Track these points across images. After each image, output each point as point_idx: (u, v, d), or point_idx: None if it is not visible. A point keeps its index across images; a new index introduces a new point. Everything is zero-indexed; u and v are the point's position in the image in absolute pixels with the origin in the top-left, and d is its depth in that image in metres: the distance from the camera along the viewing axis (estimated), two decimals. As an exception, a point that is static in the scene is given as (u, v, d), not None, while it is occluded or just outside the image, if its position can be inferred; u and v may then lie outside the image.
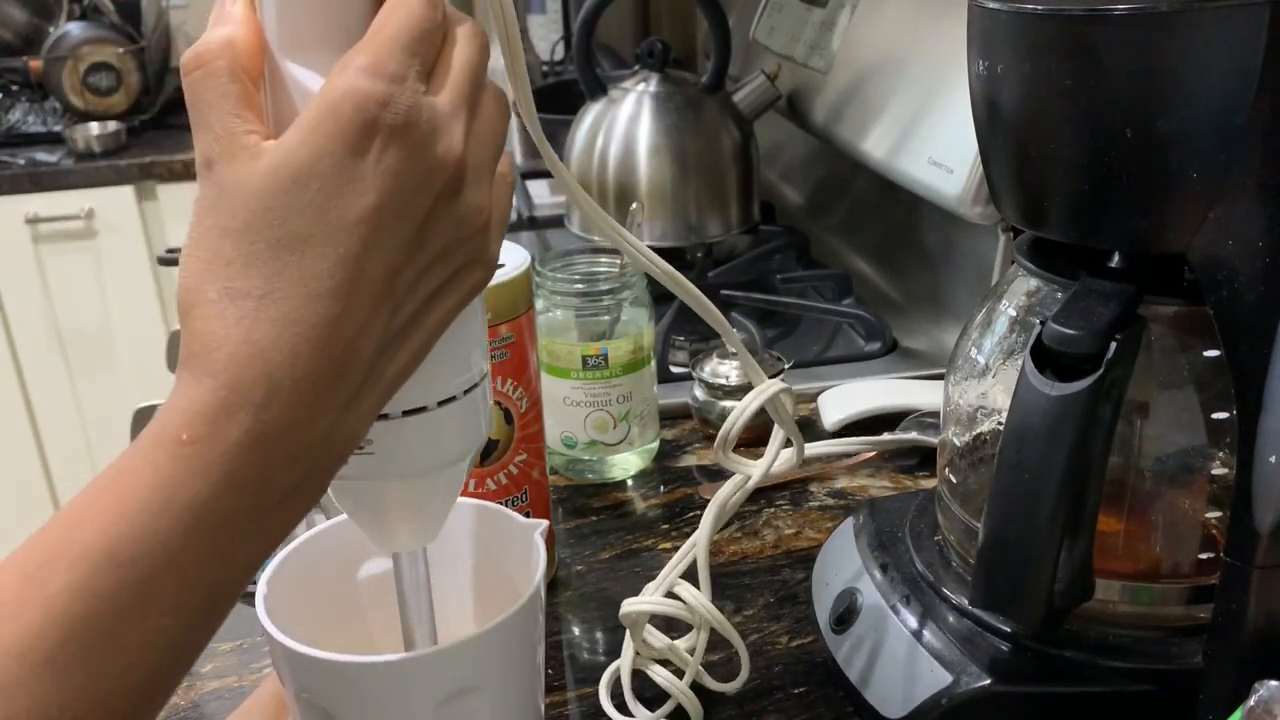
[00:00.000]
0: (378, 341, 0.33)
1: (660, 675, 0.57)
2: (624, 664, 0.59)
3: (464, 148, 0.33)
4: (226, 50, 0.33)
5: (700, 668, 0.57)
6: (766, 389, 0.53)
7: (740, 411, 0.53)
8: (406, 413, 0.37)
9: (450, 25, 0.34)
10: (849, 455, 0.83)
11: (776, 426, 0.55)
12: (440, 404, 0.38)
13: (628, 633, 0.58)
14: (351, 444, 0.34)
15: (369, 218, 0.31)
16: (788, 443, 0.56)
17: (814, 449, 0.82)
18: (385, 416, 0.37)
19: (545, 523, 0.47)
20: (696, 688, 0.58)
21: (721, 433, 0.53)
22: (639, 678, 0.59)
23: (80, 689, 0.30)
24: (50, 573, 0.30)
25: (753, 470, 0.56)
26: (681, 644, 0.58)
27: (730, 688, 0.58)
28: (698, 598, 0.55)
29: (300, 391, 0.31)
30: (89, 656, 0.30)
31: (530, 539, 0.47)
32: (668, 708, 0.57)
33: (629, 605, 0.56)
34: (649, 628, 0.58)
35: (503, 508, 0.50)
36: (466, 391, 0.39)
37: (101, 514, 0.31)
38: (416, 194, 0.32)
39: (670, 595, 0.56)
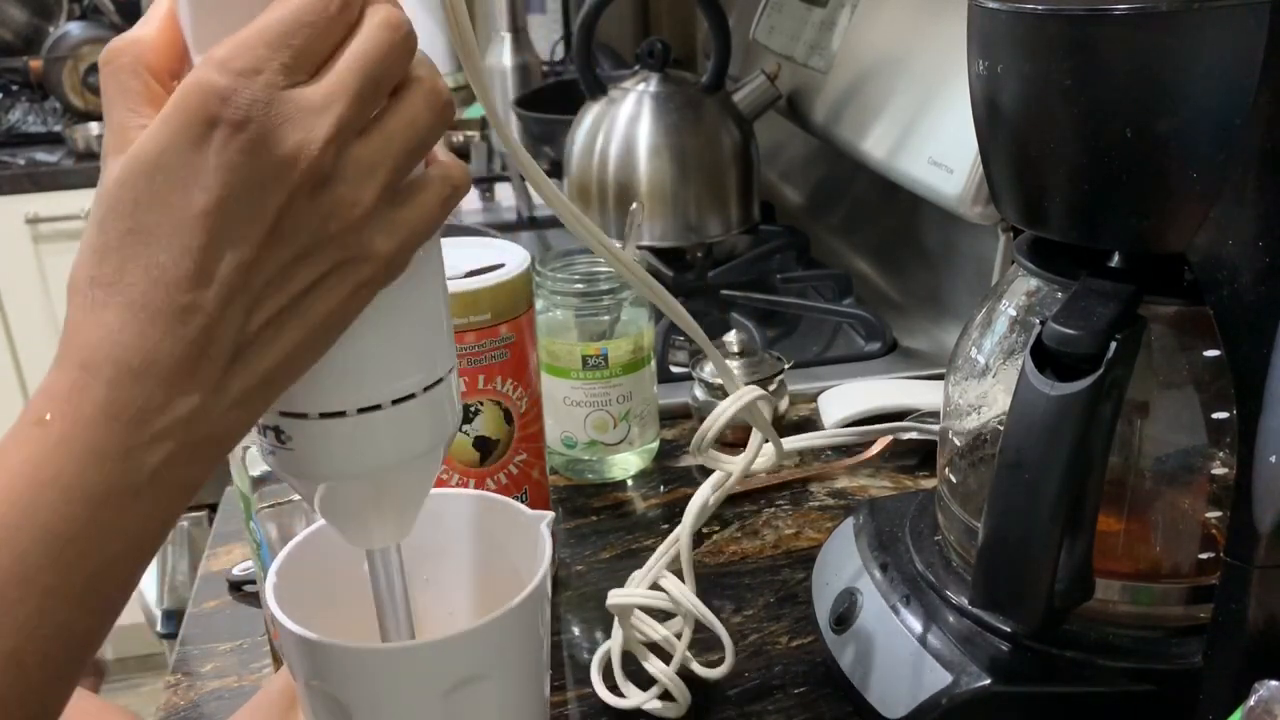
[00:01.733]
0: (235, 332, 0.33)
1: (648, 662, 0.58)
2: (614, 647, 0.60)
3: (327, 140, 0.32)
4: (133, 47, 0.34)
5: (688, 654, 0.58)
6: (740, 397, 0.53)
7: (715, 418, 0.54)
8: (323, 415, 0.37)
9: (361, 14, 0.33)
10: (849, 453, 0.83)
11: (754, 428, 0.56)
12: (360, 410, 0.37)
13: (616, 618, 0.59)
14: (232, 427, 0.34)
15: (212, 210, 0.32)
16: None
17: (808, 441, 0.82)
18: (304, 416, 0.37)
19: (551, 514, 0.48)
20: (687, 679, 0.58)
21: (698, 435, 0.55)
22: (630, 660, 0.60)
23: None
24: None
25: (733, 468, 0.56)
26: (669, 630, 0.58)
27: (716, 674, 0.58)
28: (682, 590, 0.56)
29: (150, 373, 0.32)
30: None
31: (536, 530, 0.47)
32: (657, 690, 0.58)
33: (615, 596, 0.58)
34: (638, 613, 0.58)
35: (509, 499, 0.50)
36: (396, 401, 0.38)
37: None
38: (264, 190, 0.32)
39: (656, 588, 0.57)
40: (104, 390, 0.32)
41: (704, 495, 0.57)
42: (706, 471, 0.82)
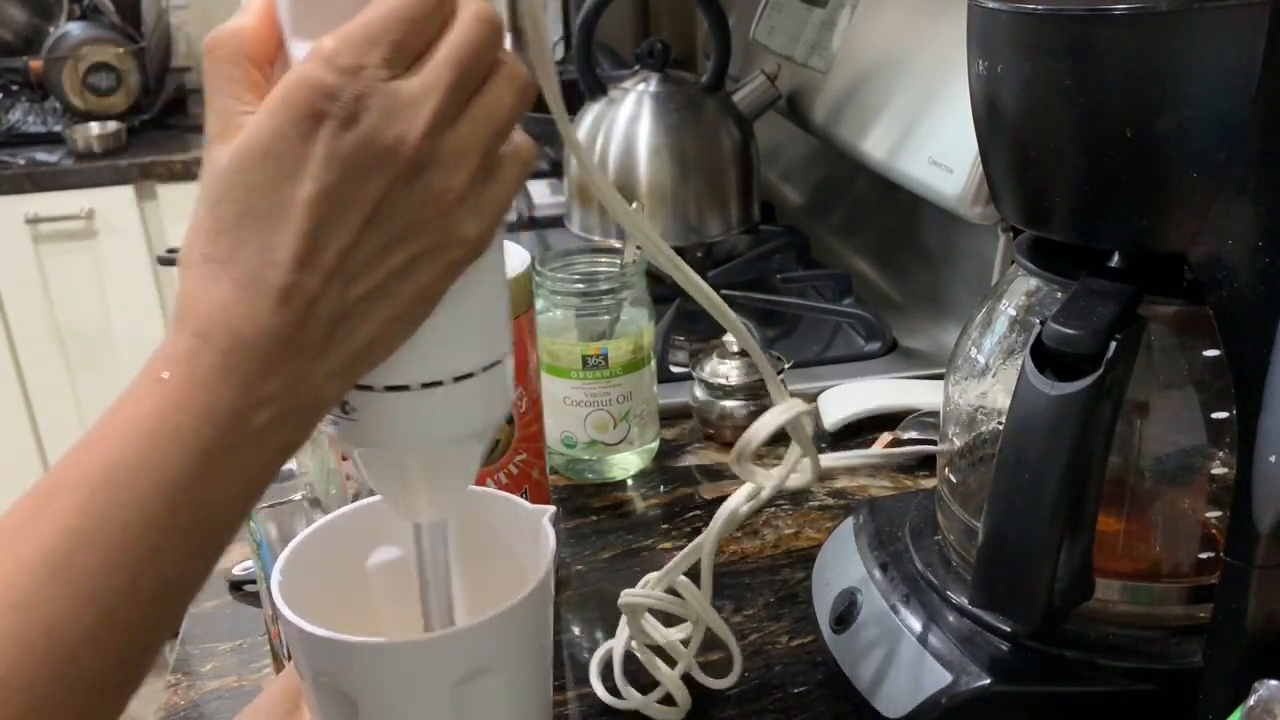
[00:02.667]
0: (334, 308, 0.35)
1: (653, 664, 0.58)
2: (617, 646, 0.60)
3: (425, 131, 0.34)
4: (233, 37, 0.36)
5: (694, 661, 0.57)
6: (789, 409, 0.52)
7: (759, 429, 0.52)
8: (389, 388, 0.39)
9: (457, 7, 0.35)
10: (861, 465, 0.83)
11: (793, 443, 0.54)
12: (456, 380, 0.39)
13: (624, 617, 0.59)
14: (328, 397, 0.37)
15: (318, 198, 0.34)
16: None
17: (828, 461, 0.82)
18: (369, 388, 0.39)
19: (553, 508, 0.48)
20: (689, 683, 0.58)
21: (739, 445, 0.52)
22: (629, 661, 0.59)
23: (91, 597, 0.33)
24: (58, 495, 0.34)
25: (767, 482, 0.55)
26: (676, 634, 0.58)
27: (721, 684, 0.58)
28: (696, 596, 0.56)
29: (260, 343, 0.34)
30: (97, 567, 0.33)
31: (538, 524, 0.48)
32: (659, 693, 0.58)
33: (629, 596, 0.57)
34: (648, 615, 0.58)
35: (509, 495, 0.50)
36: (487, 369, 0.40)
37: (98, 443, 0.35)
38: (366, 179, 0.34)
39: (670, 591, 0.57)
40: (218, 357, 0.34)
41: (735, 503, 0.56)
42: (706, 471, 0.83)
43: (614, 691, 0.60)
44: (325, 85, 0.33)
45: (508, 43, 0.38)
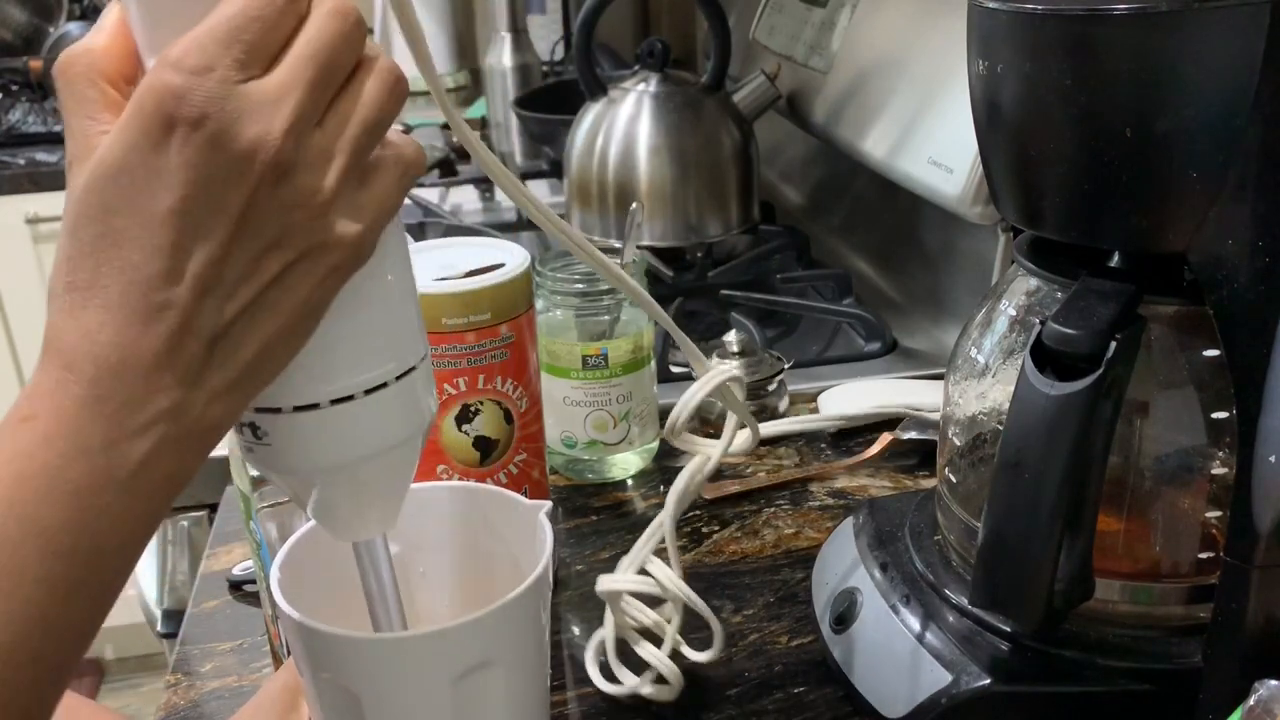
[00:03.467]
0: (210, 325, 0.34)
1: (640, 646, 0.59)
2: (607, 634, 0.60)
3: (286, 131, 0.33)
4: (85, 56, 0.35)
5: (678, 637, 0.58)
6: (712, 377, 0.53)
7: (688, 399, 0.54)
8: (297, 408, 0.37)
9: (308, 4, 0.34)
10: (848, 452, 0.83)
11: (729, 411, 0.55)
12: (334, 402, 0.37)
13: (608, 605, 0.59)
14: (215, 421, 0.35)
15: (177, 209, 0.32)
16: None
17: (786, 426, 0.82)
18: (277, 410, 0.37)
19: (549, 503, 0.48)
20: (683, 668, 0.58)
21: (670, 420, 0.54)
22: (622, 649, 0.60)
23: None
24: None
25: (711, 450, 0.56)
26: (661, 615, 0.59)
27: (706, 656, 0.58)
28: (668, 574, 0.57)
29: (129, 368, 0.33)
30: None
31: (534, 519, 0.48)
32: (651, 675, 0.58)
33: (604, 583, 0.58)
34: (628, 599, 0.59)
35: (505, 490, 0.50)
36: (399, 378, 0.38)
37: None
38: (227, 185, 0.32)
39: (643, 573, 0.58)
40: (86, 387, 0.33)
41: (684, 480, 0.56)
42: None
43: (610, 678, 0.60)
44: (172, 88, 0.31)
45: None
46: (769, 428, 0.82)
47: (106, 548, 0.33)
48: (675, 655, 0.58)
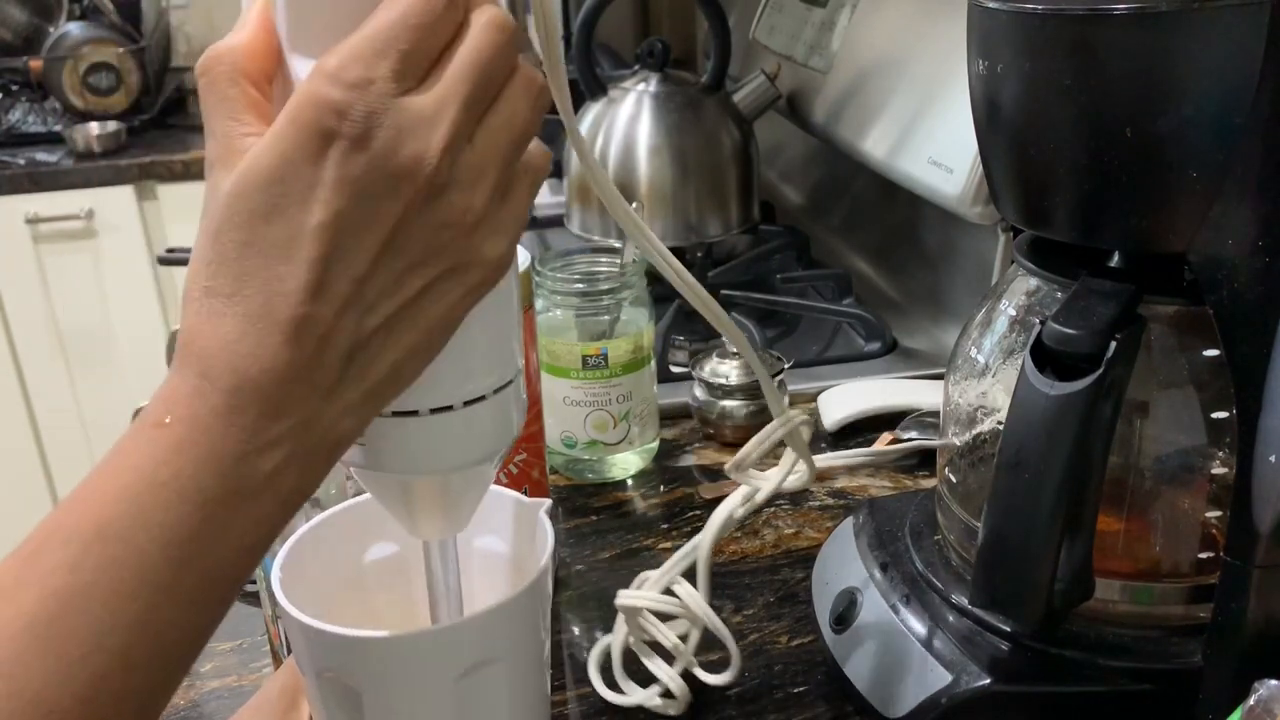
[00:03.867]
0: (349, 341, 0.33)
1: (652, 662, 0.58)
2: (615, 643, 0.60)
3: (443, 150, 0.32)
4: (228, 55, 0.34)
5: (693, 658, 0.58)
6: (788, 422, 0.53)
7: (761, 440, 0.54)
8: (397, 414, 0.37)
9: (466, 14, 0.33)
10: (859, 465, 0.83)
11: (789, 449, 0.55)
12: (433, 411, 0.38)
13: (620, 615, 0.59)
14: (344, 434, 0.35)
15: (330, 224, 0.32)
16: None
17: (824, 461, 0.82)
18: (398, 414, 0.37)
19: (549, 501, 0.48)
20: (689, 680, 0.58)
21: (738, 458, 0.54)
22: (629, 659, 0.60)
23: (82, 662, 0.31)
24: (45, 553, 0.31)
25: (763, 484, 0.56)
26: (674, 632, 0.58)
27: (720, 680, 0.58)
28: (694, 598, 0.56)
29: (269, 381, 0.32)
30: (88, 631, 0.31)
31: (534, 517, 0.48)
32: (657, 689, 0.58)
33: (626, 598, 0.57)
34: (646, 613, 0.58)
35: (506, 489, 0.50)
36: (497, 391, 0.39)
37: (91, 495, 0.32)
38: (381, 203, 0.32)
39: (668, 591, 0.57)
40: (222, 397, 0.32)
41: (730, 506, 0.56)
42: (706, 471, 0.83)
43: (613, 687, 0.60)
44: (332, 102, 0.31)
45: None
46: (823, 461, 0.81)
47: (229, 557, 0.33)
48: (686, 674, 0.58)
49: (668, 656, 0.58)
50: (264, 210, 0.32)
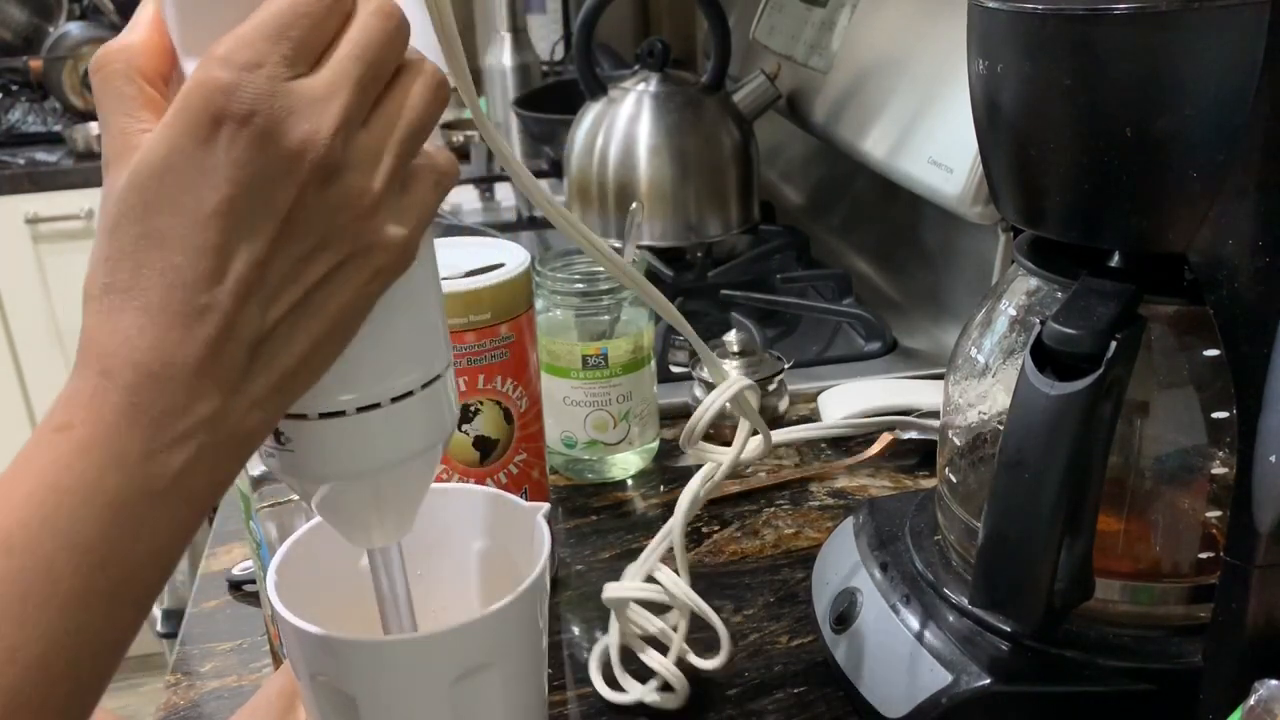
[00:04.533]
0: (254, 329, 0.33)
1: (646, 654, 0.59)
2: (612, 641, 0.60)
3: (335, 130, 0.32)
4: (123, 53, 0.34)
5: (685, 645, 0.58)
6: (729, 387, 0.54)
7: (705, 409, 0.55)
8: (322, 415, 0.37)
9: (353, 4, 0.33)
10: (848, 453, 0.83)
11: (742, 419, 0.56)
12: (360, 410, 0.37)
13: (613, 612, 0.59)
14: (253, 429, 0.34)
15: (223, 209, 0.31)
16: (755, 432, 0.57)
17: (799, 433, 0.81)
18: (303, 417, 0.37)
19: (546, 505, 0.48)
20: (687, 673, 0.58)
21: (686, 428, 0.55)
22: (628, 658, 0.60)
23: None
24: None
25: (722, 458, 0.57)
26: (667, 623, 0.58)
27: (713, 665, 0.59)
28: (676, 582, 0.57)
29: (169, 375, 0.32)
30: None
31: (532, 521, 0.48)
32: (655, 683, 0.58)
33: (611, 590, 0.58)
34: (634, 606, 0.59)
35: (503, 492, 0.50)
36: (395, 399, 0.38)
37: None
38: (274, 184, 0.32)
39: (651, 580, 0.57)
40: (124, 395, 0.32)
41: (694, 487, 0.57)
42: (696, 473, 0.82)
43: (613, 685, 0.60)
44: (221, 84, 0.31)
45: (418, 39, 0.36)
46: (779, 435, 0.82)
47: (142, 560, 0.33)
48: (681, 662, 0.58)
49: (663, 650, 0.58)
50: (157, 200, 0.32)
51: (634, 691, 0.59)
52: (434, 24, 0.37)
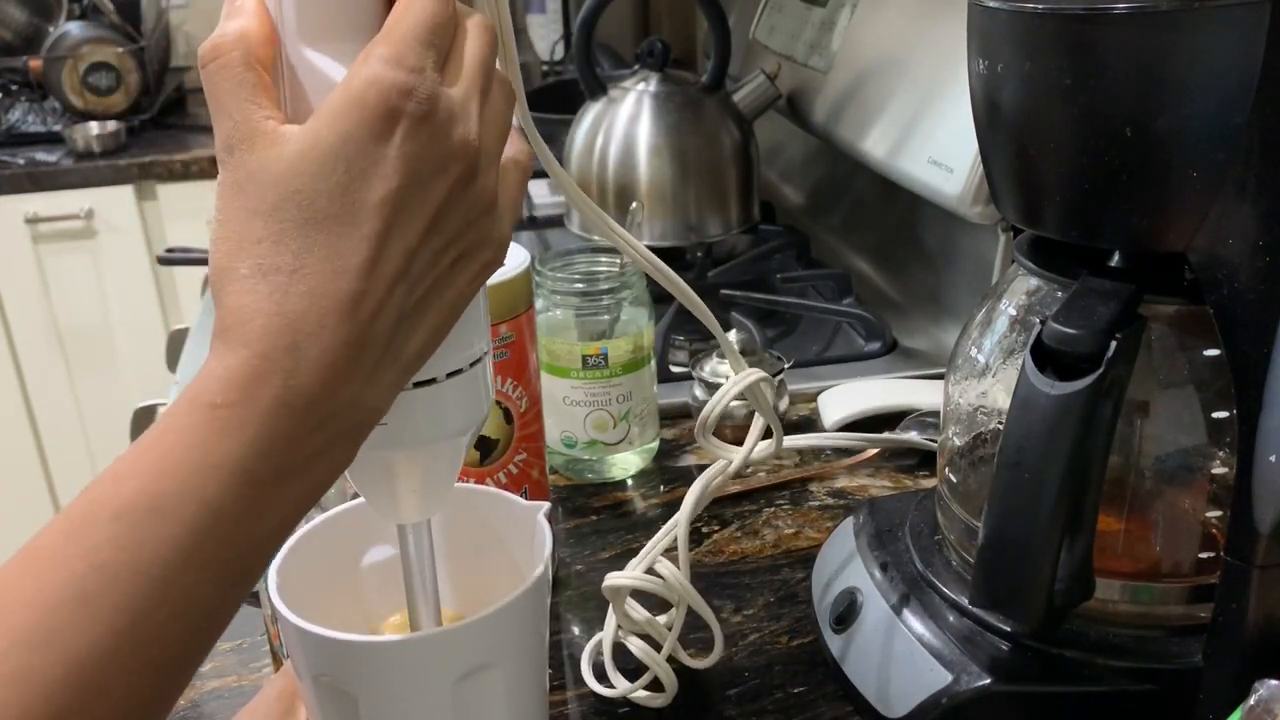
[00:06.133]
0: (395, 316, 0.35)
1: (638, 647, 0.58)
2: (605, 636, 0.60)
3: (478, 135, 0.35)
4: (241, 42, 0.35)
5: (677, 642, 0.58)
6: (746, 377, 0.54)
7: (720, 396, 0.55)
8: (417, 384, 0.39)
9: (461, 19, 0.36)
10: (848, 453, 0.83)
11: (757, 414, 0.56)
12: (449, 376, 0.39)
13: (610, 605, 0.59)
14: (374, 414, 0.36)
15: (391, 199, 0.33)
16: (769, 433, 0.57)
17: (810, 440, 0.82)
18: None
19: (547, 504, 0.48)
20: (680, 674, 0.58)
21: (701, 417, 0.55)
22: (620, 652, 0.60)
23: (124, 633, 0.31)
24: (92, 527, 0.32)
25: (734, 455, 0.57)
26: (661, 619, 0.58)
27: (704, 663, 0.59)
28: (676, 575, 0.57)
29: (326, 361, 0.33)
30: (130, 602, 0.31)
31: (533, 520, 0.48)
32: (645, 679, 0.58)
33: (611, 579, 0.58)
34: (631, 601, 0.59)
35: (504, 492, 0.50)
36: (472, 365, 0.41)
37: (143, 471, 0.33)
38: (435, 179, 0.34)
39: (651, 573, 0.57)
40: (281, 382, 0.33)
41: (704, 482, 0.57)
42: (705, 470, 0.82)
43: (604, 681, 0.60)
44: (400, 84, 0.33)
45: None
46: (790, 440, 0.82)
47: (269, 532, 0.35)
48: (673, 661, 0.58)
49: (657, 648, 0.58)
50: (325, 187, 0.33)
51: (622, 686, 0.59)
52: (500, 42, 0.39)
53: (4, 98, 2.22)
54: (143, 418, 1.19)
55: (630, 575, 0.57)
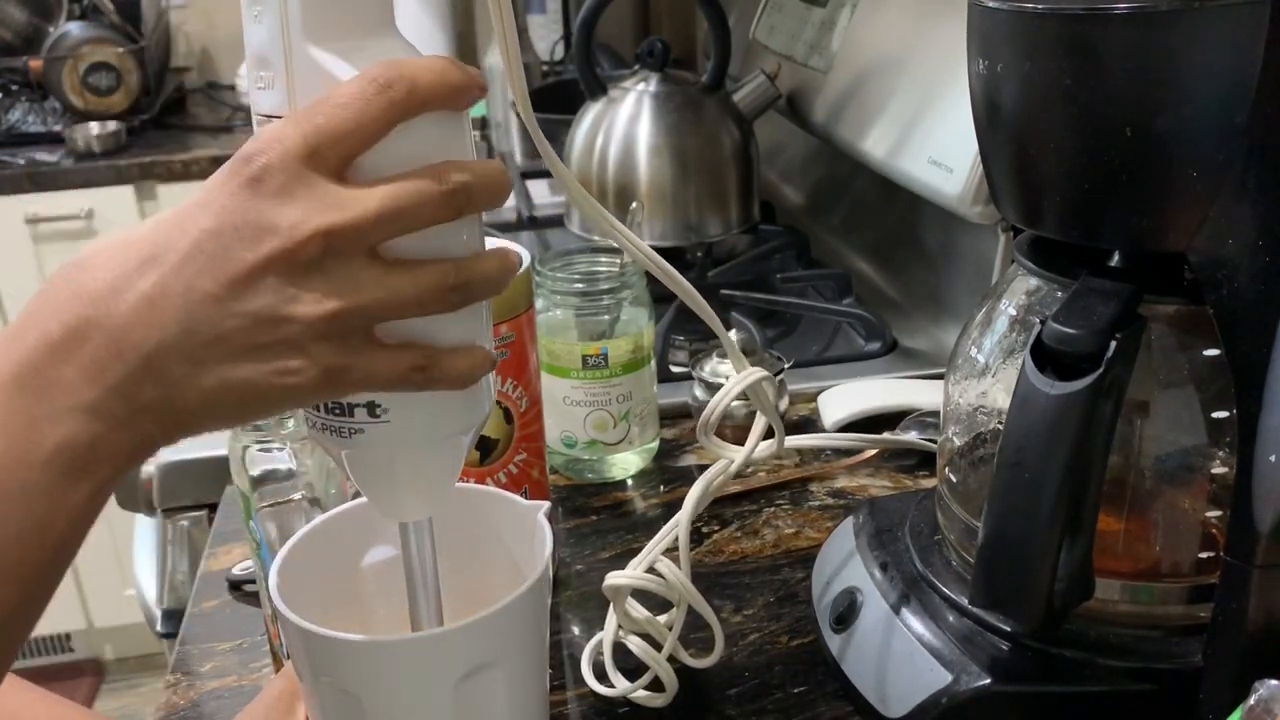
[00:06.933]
0: (158, 338, 0.35)
1: (639, 647, 0.58)
2: (606, 635, 0.60)
3: (313, 239, 0.34)
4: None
5: (677, 642, 0.58)
6: (748, 375, 0.54)
7: (723, 395, 0.54)
8: None
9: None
10: (848, 453, 0.83)
11: (758, 414, 0.56)
12: None
13: (610, 604, 0.59)
14: (140, 431, 0.36)
15: (198, 235, 0.34)
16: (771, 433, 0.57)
17: (811, 440, 0.82)
18: None
19: (547, 503, 0.48)
20: (680, 673, 0.58)
21: (703, 416, 0.55)
22: (621, 652, 0.60)
23: None
24: None
25: (735, 455, 0.56)
26: (662, 619, 0.58)
27: (704, 663, 0.59)
28: (677, 574, 0.57)
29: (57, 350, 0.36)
30: None
31: (533, 520, 0.48)
32: (646, 679, 0.58)
33: (612, 578, 0.58)
34: (632, 601, 0.59)
35: (504, 491, 0.50)
36: None
37: None
38: (239, 241, 0.34)
39: (652, 572, 0.57)
40: (32, 354, 0.36)
41: (705, 481, 0.57)
42: (706, 469, 0.82)
43: (604, 680, 0.60)
44: (257, 145, 0.34)
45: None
46: (792, 440, 0.82)
47: (21, 528, 0.35)
48: (673, 661, 0.58)
49: (657, 648, 0.58)
50: (194, 199, 0.36)
51: (621, 686, 0.59)
52: (499, 45, 0.40)
53: (4, 98, 2.22)
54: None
55: (631, 575, 0.57)
